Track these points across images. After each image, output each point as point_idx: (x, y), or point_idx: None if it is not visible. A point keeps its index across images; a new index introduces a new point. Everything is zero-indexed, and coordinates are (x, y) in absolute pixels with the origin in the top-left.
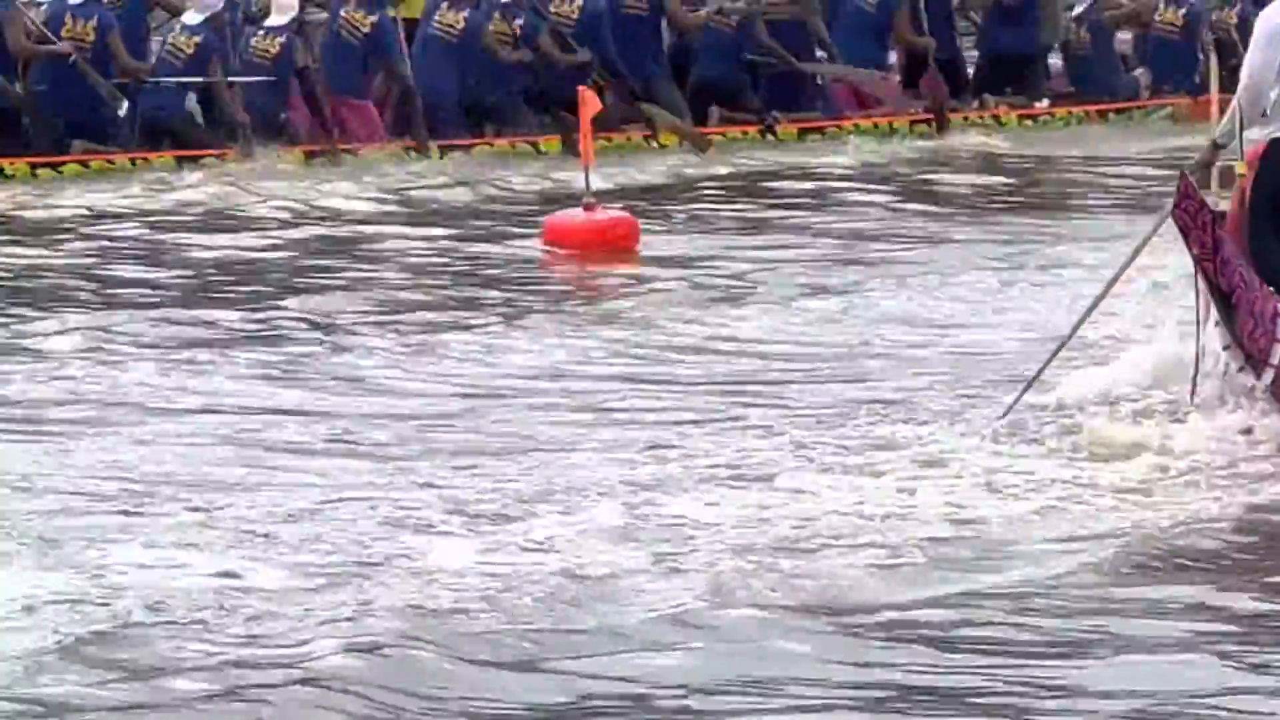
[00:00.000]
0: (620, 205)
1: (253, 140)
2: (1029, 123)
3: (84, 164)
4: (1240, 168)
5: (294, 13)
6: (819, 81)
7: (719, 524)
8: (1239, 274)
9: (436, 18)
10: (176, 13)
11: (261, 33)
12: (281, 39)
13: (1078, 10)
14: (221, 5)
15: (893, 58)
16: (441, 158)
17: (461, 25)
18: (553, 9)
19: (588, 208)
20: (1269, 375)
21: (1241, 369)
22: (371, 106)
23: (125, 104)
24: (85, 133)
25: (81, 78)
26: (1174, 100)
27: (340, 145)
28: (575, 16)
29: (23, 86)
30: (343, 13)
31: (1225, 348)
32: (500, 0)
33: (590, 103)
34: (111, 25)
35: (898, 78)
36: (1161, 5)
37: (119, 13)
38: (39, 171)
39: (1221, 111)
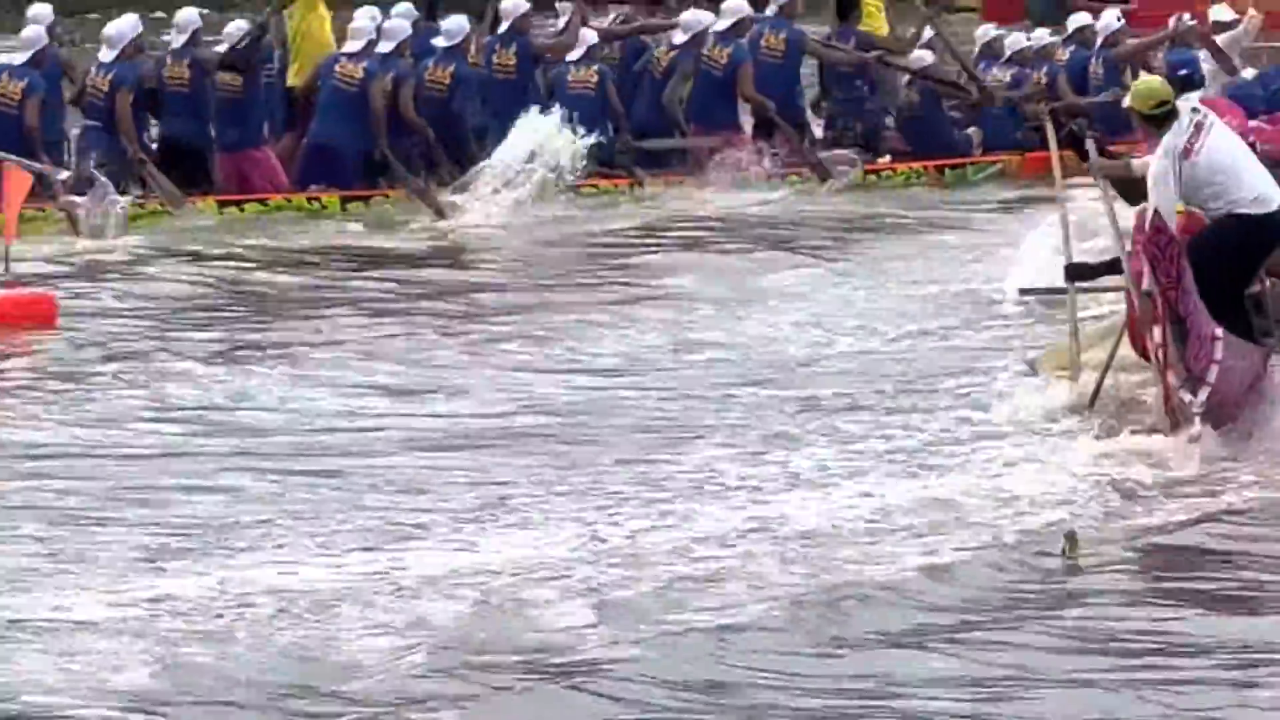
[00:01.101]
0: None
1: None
2: (872, 177)
3: None
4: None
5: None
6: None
7: None
8: (1193, 301)
9: (336, 69)
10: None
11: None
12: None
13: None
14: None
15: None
16: (344, 209)
17: (360, 77)
18: (427, 77)
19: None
20: (1204, 392)
21: (1181, 387)
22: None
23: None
24: None
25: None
26: (1005, 157)
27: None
28: (446, 82)
29: None
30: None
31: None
32: (381, 53)
33: (17, 181)
34: (37, 89)
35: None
36: (995, 70)
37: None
38: None
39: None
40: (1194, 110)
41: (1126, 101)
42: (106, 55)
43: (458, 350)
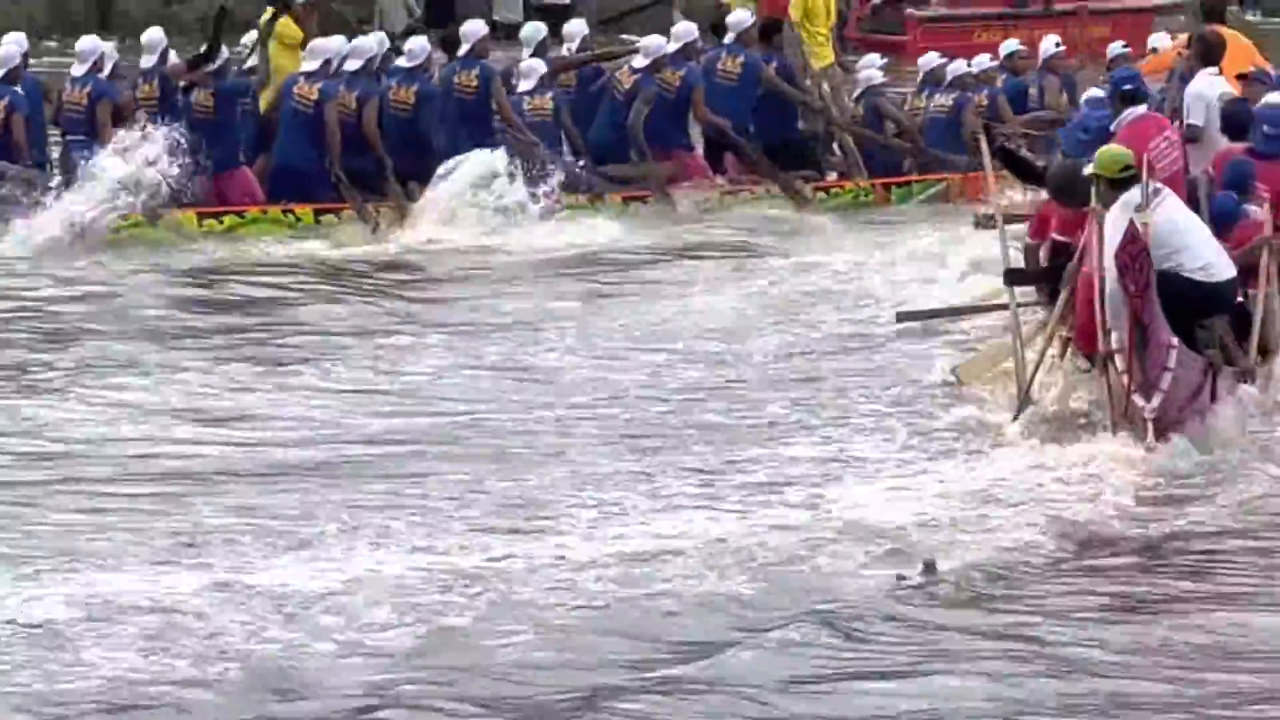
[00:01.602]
0: None
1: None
2: (822, 195)
3: None
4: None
5: None
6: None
7: None
8: (1156, 310)
9: (295, 90)
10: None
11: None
12: None
13: (856, 93)
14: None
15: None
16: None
17: (315, 98)
18: (391, 97)
19: None
20: (1157, 399)
21: (1135, 392)
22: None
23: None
24: None
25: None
26: (947, 177)
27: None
28: (410, 102)
29: None
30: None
31: (1122, 373)
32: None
33: None
34: (19, 106)
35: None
36: (938, 95)
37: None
38: None
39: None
40: (1157, 189)
41: (1090, 169)
42: (78, 69)
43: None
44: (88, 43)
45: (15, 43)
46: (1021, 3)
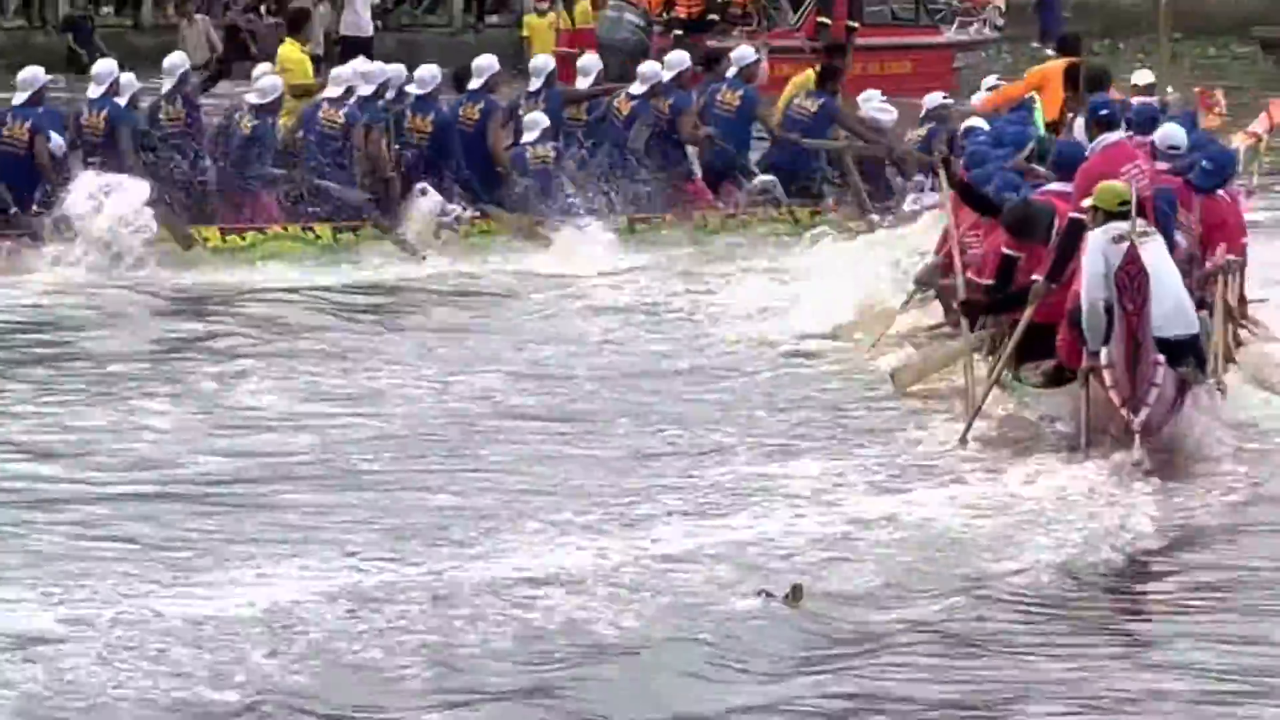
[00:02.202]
0: None
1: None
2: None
3: None
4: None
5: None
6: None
7: None
8: (1149, 328)
9: (320, 115)
10: None
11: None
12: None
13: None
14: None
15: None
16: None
17: (341, 122)
18: (406, 124)
19: None
20: (1144, 413)
21: (1123, 406)
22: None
23: None
24: None
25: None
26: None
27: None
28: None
29: None
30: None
31: (1110, 387)
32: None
33: None
34: (41, 128)
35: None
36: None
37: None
38: None
39: None
40: (1145, 232)
41: (1090, 202)
42: (94, 91)
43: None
44: (104, 66)
45: (37, 68)
46: (824, 36)
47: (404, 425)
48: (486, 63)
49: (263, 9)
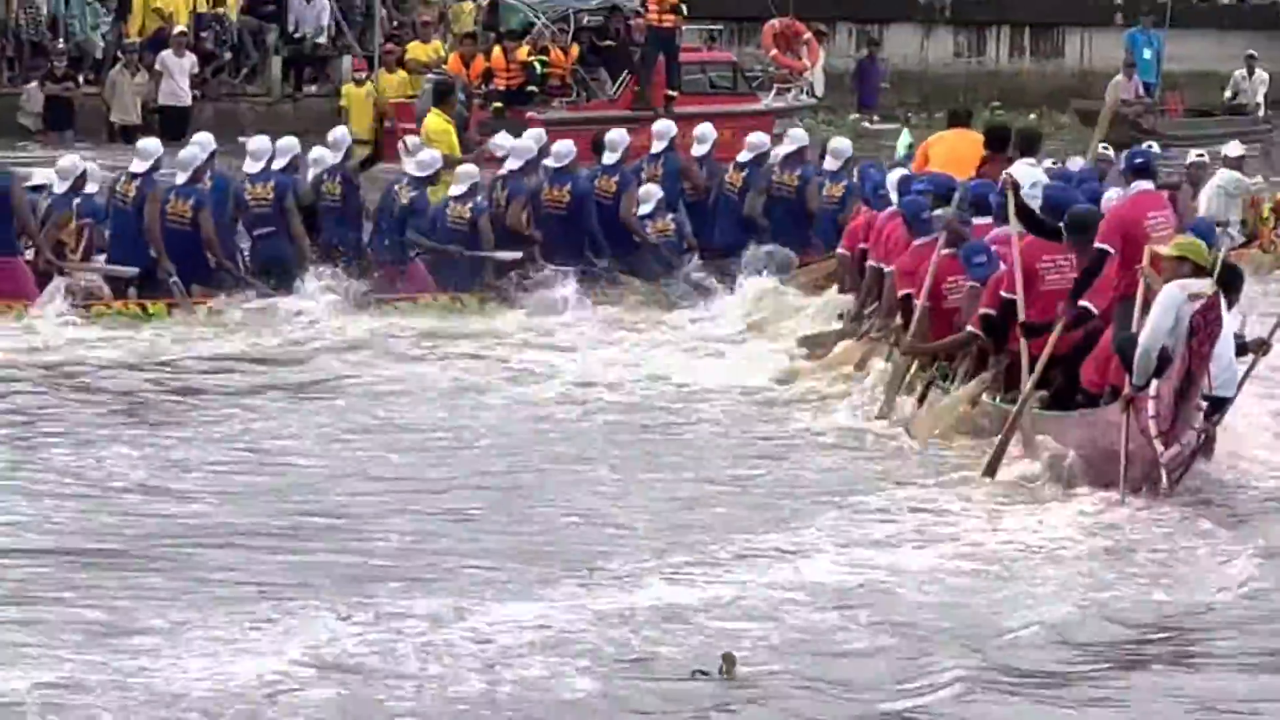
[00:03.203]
0: None
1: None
2: None
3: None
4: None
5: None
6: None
7: None
8: (1206, 371)
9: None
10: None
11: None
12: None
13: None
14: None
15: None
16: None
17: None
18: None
19: None
20: (1174, 450)
21: (1157, 437)
22: None
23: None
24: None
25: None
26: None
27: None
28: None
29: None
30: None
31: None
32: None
33: None
34: (203, 203)
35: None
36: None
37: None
38: None
39: None
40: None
41: (1173, 251)
42: (253, 166)
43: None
44: (260, 142)
45: (199, 144)
46: (642, 105)
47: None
48: (621, 138)
49: (80, 78)
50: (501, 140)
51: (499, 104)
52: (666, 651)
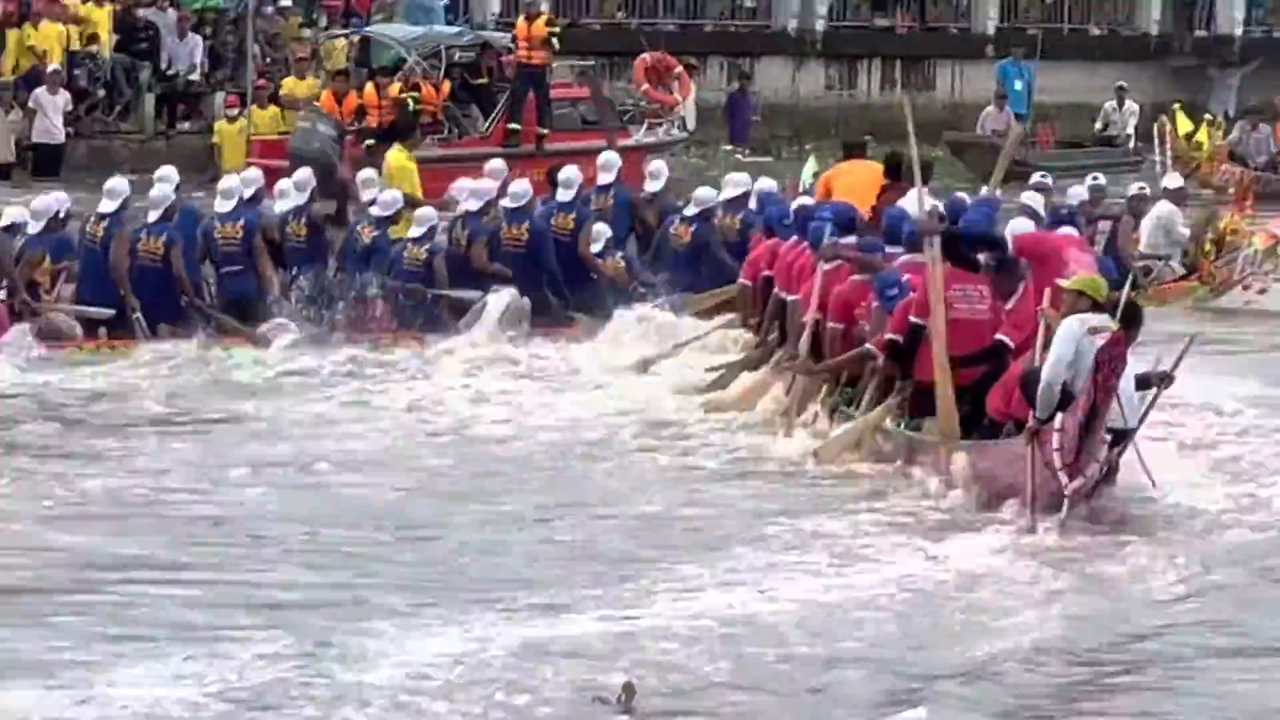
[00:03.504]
0: None
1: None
2: None
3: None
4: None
5: None
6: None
7: None
8: (1110, 406)
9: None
10: None
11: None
12: None
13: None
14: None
15: None
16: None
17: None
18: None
19: None
20: (1078, 482)
21: (1061, 469)
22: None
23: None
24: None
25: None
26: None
27: None
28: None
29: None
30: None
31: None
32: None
33: None
34: (174, 241)
35: None
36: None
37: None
38: None
39: None
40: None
41: (1074, 285)
42: (224, 205)
43: None
44: (230, 181)
45: (167, 180)
46: (513, 144)
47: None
48: (575, 175)
49: None
50: (460, 184)
51: (373, 140)
52: (567, 680)
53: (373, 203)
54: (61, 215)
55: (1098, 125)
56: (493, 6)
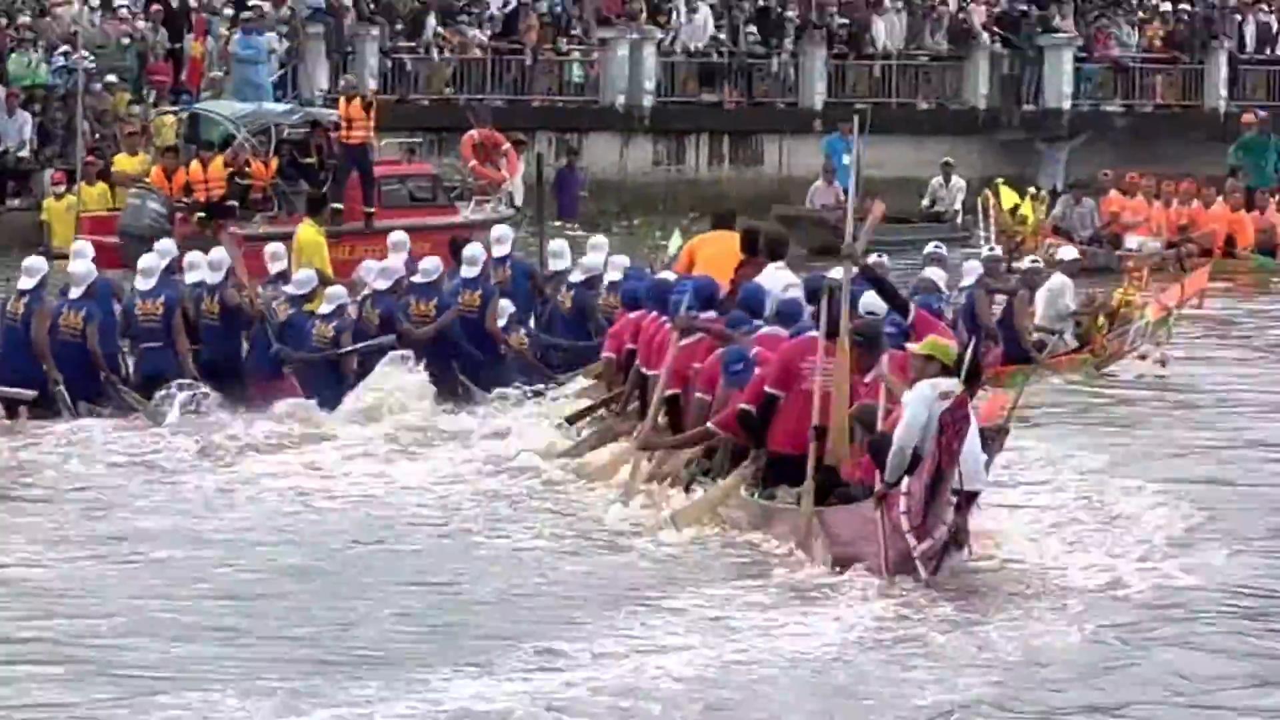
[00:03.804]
0: None
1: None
2: None
3: None
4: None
5: None
6: None
7: None
8: (956, 469)
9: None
10: None
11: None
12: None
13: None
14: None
15: None
16: None
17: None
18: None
19: None
20: (927, 544)
21: (909, 531)
22: None
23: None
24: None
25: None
26: None
27: None
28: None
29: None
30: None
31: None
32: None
33: None
34: (93, 317)
35: None
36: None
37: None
38: None
39: None
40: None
41: (923, 350)
42: (144, 283)
43: None
44: (152, 260)
45: (87, 257)
46: (339, 221)
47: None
48: (479, 251)
49: None
50: (369, 264)
51: (202, 215)
52: None
53: (283, 279)
54: None
55: (925, 201)
56: (320, 83)
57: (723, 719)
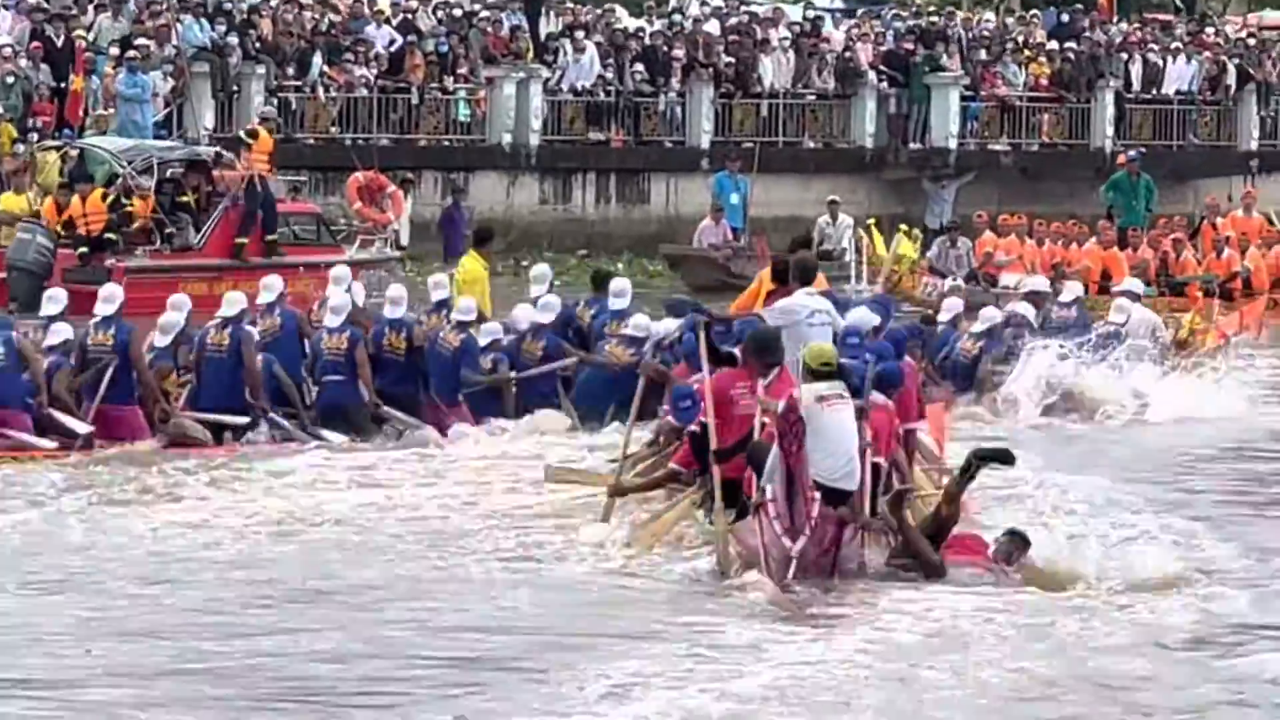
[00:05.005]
0: None
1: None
2: None
3: None
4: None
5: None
6: None
7: None
8: (805, 468)
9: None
10: None
11: None
12: None
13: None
14: None
15: None
16: None
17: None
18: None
19: None
20: (801, 542)
21: (783, 535)
22: None
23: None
24: None
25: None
26: None
27: None
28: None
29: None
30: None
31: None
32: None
33: None
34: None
35: None
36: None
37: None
38: None
39: None
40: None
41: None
42: (332, 320)
43: None
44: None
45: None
46: (239, 254)
47: None
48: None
49: None
50: (524, 307)
51: (84, 249)
52: None
53: (444, 306)
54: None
55: (813, 239)
56: (206, 122)
57: None
